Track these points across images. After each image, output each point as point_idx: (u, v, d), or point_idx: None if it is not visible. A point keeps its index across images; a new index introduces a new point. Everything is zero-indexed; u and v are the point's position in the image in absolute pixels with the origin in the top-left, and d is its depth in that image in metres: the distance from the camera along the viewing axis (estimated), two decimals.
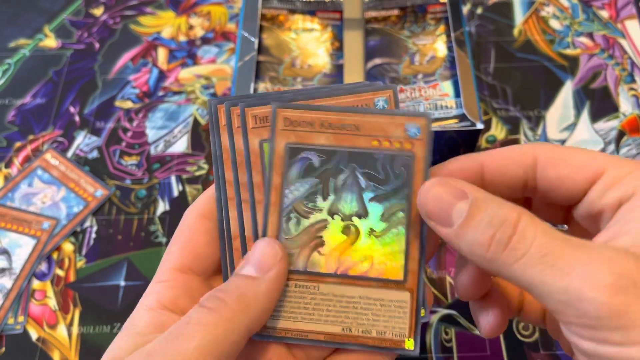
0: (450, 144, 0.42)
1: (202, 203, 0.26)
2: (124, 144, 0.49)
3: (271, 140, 0.26)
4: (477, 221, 0.21)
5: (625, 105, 0.50)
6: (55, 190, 0.46)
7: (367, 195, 0.26)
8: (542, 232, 0.21)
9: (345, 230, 0.26)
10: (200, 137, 0.49)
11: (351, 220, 0.26)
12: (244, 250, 0.26)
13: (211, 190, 0.26)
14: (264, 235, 0.26)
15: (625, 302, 0.19)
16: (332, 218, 0.26)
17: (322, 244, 0.26)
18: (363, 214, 0.26)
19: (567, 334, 0.21)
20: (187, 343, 0.21)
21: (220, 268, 0.26)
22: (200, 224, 0.26)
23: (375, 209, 0.26)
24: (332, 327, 0.26)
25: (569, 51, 0.53)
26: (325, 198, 0.26)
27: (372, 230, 0.26)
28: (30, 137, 0.49)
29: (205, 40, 0.55)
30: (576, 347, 0.21)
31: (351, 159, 0.26)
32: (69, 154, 0.48)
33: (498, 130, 0.49)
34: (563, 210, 0.26)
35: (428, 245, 0.27)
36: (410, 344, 0.26)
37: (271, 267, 0.24)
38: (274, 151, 0.26)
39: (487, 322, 0.26)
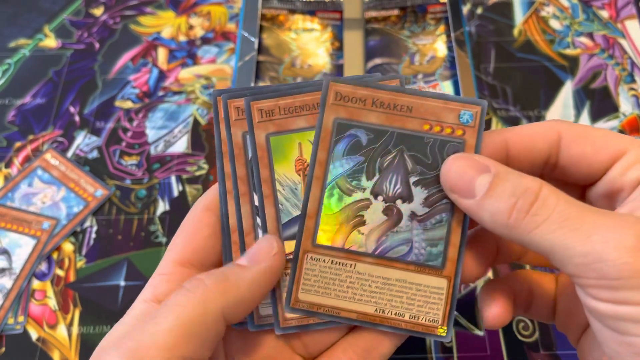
0: None
1: (209, 196, 0.26)
2: (124, 144, 0.49)
3: (320, 114, 0.26)
4: (500, 191, 0.22)
5: (625, 105, 0.50)
6: (55, 190, 0.46)
7: (413, 179, 0.26)
8: (563, 200, 0.21)
9: (387, 211, 0.26)
10: (200, 137, 0.49)
11: (394, 202, 0.26)
12: (242, 244, 0.26)
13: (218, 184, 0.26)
14: (304, 209, 0.26)
15: None
16: (375, 198, 0.26)
17: (362, 223, 0.26)
18: (407, 197, 0.26)
19: (585, 298, 0.21)
20: (159, 325, 0.21)
21: (221, 262, 0.26)
22: (205, 216, 0.26)
23: (419, 193, 0.26)
24: (365, 307, 0.26)
25: (569, 51, 0.53)
26: (369, 177, 0.26)
27: (414, 214, 0.26)
28: (30, 137, 0.49)
29: (205, 40, 0.55)
30: (594, 311, 0.21)
31: (400, 140, 0.26)
32: (69, 154, 0.48)
33: None
34: (578, 191, 0.26)
35: (507, 250, 0.28)
36: (442, 331, 0.26)
37: (263, 260, 0.24)
38: (321, 125, 0.26)
39: (491, 311, 0.26)
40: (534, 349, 0.38)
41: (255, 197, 0.26)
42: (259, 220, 0.26)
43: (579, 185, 0.25)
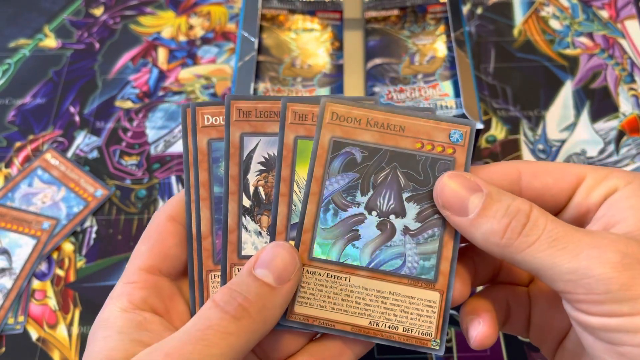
0: None
1: (172, 205, 0.27)
2: (124, 144, 0.49)
3: (317, 132, 0.27)
4: (493, 211, 0.23)
5: (625, 105, 0.50)
6: (55, 190, 0.46)
7: (406, 195, 0.27)
8: (551, 221, 0.23)
9: (381, 226, 0.27)
10: None
11: (388, 217, 0.27)
12: (224, 246, 0.26)
13: (181, 193, 0.27)
14: (301, 224, 0.26)
15: (632, 276, 0.21)
16: (370, 213, 0.27)
17: (357, 237, 0.27)
18: (400, 212, 0.27)
19: (575, 314, 0.22)
20: (210, 349, 0.21)
21: (187, 270, 0.26)
22: (170, 225, 0.26)
23: (412, 209, 0.27)
24: (359, 320, 0.26)
25: (569, 51, 0.53)
26: (364, 193, 0.27)
27: (407, 229, 0.27)
28: (30, 137, 0.49)
29: (205, 40, 0.55)
30: (585, 325, 0.22)
31: (393, 158, 0.27)
32: (69, 154, 0.48)
33: (498, 130, 0.49)
34: None
35: (484, 268, 0.29)
36: (436, 344, 0.26)
37: (290, 278, 0.24)
38: (318, 143, 0.27)
39: (478, 331, 0.27)
40: (534, 349, 0.38)
41: (244, 197, 0.27)
42: (244, 220, 0.27)
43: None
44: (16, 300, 0.41)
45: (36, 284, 0.42)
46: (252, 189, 0.27)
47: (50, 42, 0.56)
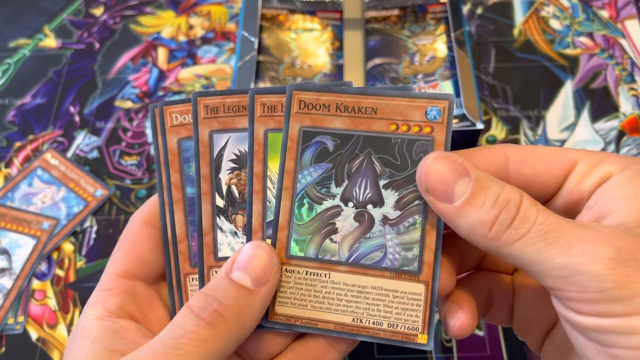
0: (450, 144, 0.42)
1: (147, 209, 0.26)
2: (124, 144, 0.49)
3: (285, 124, 0.25)
4: (482, 200, 0.22)
5: (626, 105, 0.49)
6: (55, 190, 0.46)
7: (382, 182, 0.25)
8: (543, 213, 0.21)
9: (359, 217, 0.25)
10: None
11: (365, 207, 0.25)
12: (200, 248, 0.26)
13: (155, 196, 0.26)
14: (276, 222, 0.25)
15: (627, 273, 0.19)
16: (346, 205, 0.25)
17: (334, 231, 0.25)
18: (377, 201, 0.25)
19: (565, 312, 0.21)
20: (184, 358, 0.20)
21: (164, 274, 0.26)
22: (144, 229, 0.26)
23: (390, 196, 0.25)
24: (342, 317, 0.25)
25: (569, 51, 0.53)
26: (339, 184, 0.25)
27: (386, 218, 0.25)
28: (30, 137, 0.49)
29: (205, 40, 0.55)
30: (575, 324, 0.21)
31: (367, 143, 0.25)
32: (69, 154, 0.48)
33: (498, 130, 0.49)
34: None
35: (470, 256, 0.27)
36: (423, 339, 0.25)
37: (268, 280, 0.23)
38: (287, 135, 0.25)
39: (456, 320, 0.25)
40: None
41: (217, 197, 0.26)
42: (219, 221, 0.26)
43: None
44: (16, 300, 0.41)
45: (36, 284, 0.42)
46: (224, 188, 0.26)
47: (50, 42, 0.55)
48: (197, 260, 0.26)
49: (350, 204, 0.25)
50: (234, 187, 0.26)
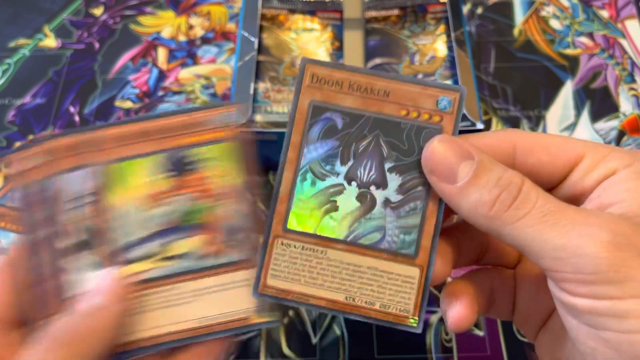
0: None
1: (7, 253, 0.26)
2: None
3: (295, 96, 0.26)
4: (484, 181, 0.22)
5: (626, 105, 0.50)
6: None
7: (388, 165, 0.26)
8: (543, 196, 0.22)
9: (361, 197, 0.26)
10: None
11: (368, 188, 0.26)
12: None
13: (19, 240, 0.26)
14: (277, 193, 0.25)
15: (623, 257, 0.20)
16: (349, 184, 0.26)
17: (335, 209, 0.26)
18: (381, 183, 0.26)
19: (560, 294, 0.21)
20: None
21: (21, 319, 0.26)
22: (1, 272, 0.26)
23: (394, 180, 0.26)
24: (335, 294, 0.25)
25: (569, 51, 0.53)
26: (344, 162, 0.26)
27: (388, 201, 0.25)
28: (30, 137, 0.49)
29: (205, 40, 0.55)
30: (569, 306, 0.21)
31: (376, 125, 0.26)
32: None
33: None
34: None
35: (469, 248, 0.28)
36: (413, 321, 0.25)
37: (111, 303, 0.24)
38: (296, 107, 0.26)
39: (455, 313, 0.26)
40: (534, 349, 0.38)
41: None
42: (75, 260, 0.26)
43: None
44: None
45: None
46: (78, 225, 0.26)
47: (50, 42, 0.55)
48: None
49: (354, 184, 0.26)
50: (87, 223, 0.26)
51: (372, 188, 0.26)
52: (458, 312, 0.26)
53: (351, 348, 0.39)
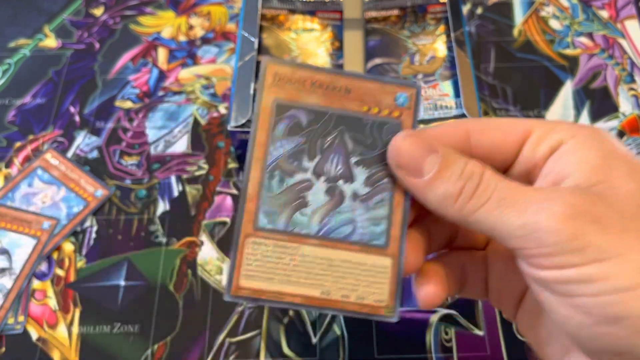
0: None
1: None
2: (124, 144, 0.49)
3: (258, 95, 0.26)
4: (449, 174, 0.23)
5: (625, 105, 0.50)
6: (55, 190, 0.46)
7: (354, 159, 0.26)
8: (501, 181, 0.23)
9: (330, 191, 0.26)
10: (200, 137, 0.49)
11: (336, 182, 0.26)
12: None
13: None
14: (244, 192, 0.25)
15: (579, 226, 0.21)
16: (317, 179, 0.26)
17: (305, 204, 0.26)
18: (348, 177, 0.26)
19: (529, 270, 0.23)
20: None
21: None
22: None
23: (360, 173, 0.26)
24: (310, 290, 0.26)
25: (569, 51, 0.53)
26: (311, 158, 0.26)
27: (356, 194, 0.26)
28: (30, 137, 0.49)
29: (205, 40, 0.55)
30: (539, 279, 0.22)
31: (340, 121, 0.26)
32: (69, 154, 0.48)
33: None
34: None
35: (438, 236, 0.28)
36: (388, 311, 0.26)
37: None
38: (260, 106, 0.26)
39: (424, 290, 0.27)
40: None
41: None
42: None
43: (500, 170, 0.27)
44: (16, 300, 0.41)
45: (36, 283, 0.42)
46: None
47: (51, 42, 0.56)
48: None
49: (322, 179, 0.26)
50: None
51: (340, 182, 0.26)
52: (427, 290, 0.26)
53: (351, 348, 0.39)
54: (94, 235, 0.44)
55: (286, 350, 0.38)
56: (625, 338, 0.20)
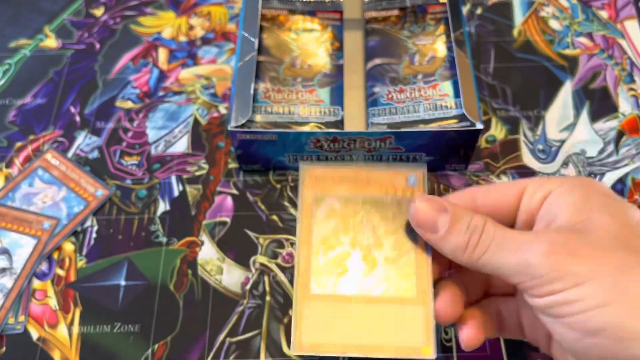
0: (450, 144, 0.42)
1: None
2: (124, 144, 0.49)
3: (300, 191, 0.35)
4: (457, 229, 0.29)
5: (625, 105, 0.50)
6: (55, 190, 0.46)
7: (380, 230, 0.33)
8: (500, 230, 0.28)
9: (365, 258, 0.33)
10: (200, 137, 0.49)
11: (369, 251, 0.33)
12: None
13: None
14: (297, 267, 0.33)
15: (559, 259, 0.25)
16: (353, 250, 0.33)
17: (346, 270, 0.32)
18: (378, 245, 0.33)
19: (530, 300, 0.27)
20: None
21: None
22: None
23: (387, 241, 0.33)
24: (359, 340, 0.31)
25: (569, 51, 0.53)
26: (346, 234, 0.33)
27: (386, 258, 0.33)
28: (31, 137, 0.49)
29: (205, 41, 0.55)
30: (537, 307, 0.27)
31: (365, 203, 0.34)
32: (70, 154, 0.48)
33: (498, 130, 0.49)
34: None
35: (474, 287, 0.33)
36: (427, 351, 0.31)
37: None
38: (302, 200, 0.34)
39: (465, 335, 0.31)
40: (533, 349, 0.39)
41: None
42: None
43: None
44: (17, 300, 0.41)
45: (37, 283, 0.42)
46: None
47: (51, 42, 0.56)
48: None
49: (357, 249, 0.33)
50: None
51: (372, 250, 0.33)
52: (468, 333, 0.31)
53: None
54: (94, 235, 0.44)
55: (286, 350, 0.38)
56: (609, 346, 0.24)
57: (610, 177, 0.46)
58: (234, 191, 0.46)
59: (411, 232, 0.32)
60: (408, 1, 0.50)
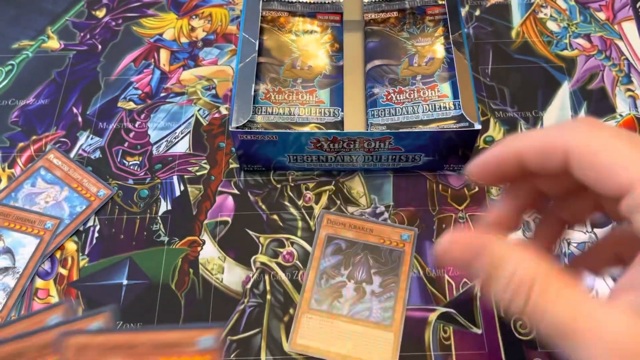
0: (448, 144, 0.43)
1: None
2: (126, 144, 0.49)
3: (317, 230, 0.43)
4: (496, 280, 0.22)
5: (622, 106, 0.50)
6: (58, 190, 0.47)
7: (373, 270, 0.41)
8: (552, 304, 0.21)
9: (357, 289, 0.40)
10: (201, 137, 0.49)
11: (361, 284, 0.41)
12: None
13: None
14: (304, 287, 0.41)
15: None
16: (349, 281, 0.41)
17: (340, 296, 0.40)
18: (369, 281, 0.41)
19: None
20: None
21: None
22: None
23: (377, 279, 0.41)
24: (339, 350, 0.38)
25: (566, 52, 0.54)
26: (346, 268, 0.41)
27: (373, 292, 0.40)
28: (34, 137, 0.50)
29: (206, 42, 0.55)
30: None
31: (365, 247, 0.42)
32: (72, 154, 0.49)
33: (496, 131, 0.49)
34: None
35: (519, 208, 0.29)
36: None
37: None
38: (318, 237, 0.42)
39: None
40: (531, 347, 0.39)
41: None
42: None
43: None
44: (19, 299, 0.42)
45: (39, 282, 0.43)
46: None
47: (53, 43, 0.56)
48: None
49: (352, 281, 0.41)
50: None
51: (364, 284, 0.41)
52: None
53: None
54: (96, 234, 0.45)
55: (286, 348, 0.39)
56: None
57: None
58: (235, 191, 0.46)
59: (395, 275, 0.41)
60: (407, 3, 0.50)
